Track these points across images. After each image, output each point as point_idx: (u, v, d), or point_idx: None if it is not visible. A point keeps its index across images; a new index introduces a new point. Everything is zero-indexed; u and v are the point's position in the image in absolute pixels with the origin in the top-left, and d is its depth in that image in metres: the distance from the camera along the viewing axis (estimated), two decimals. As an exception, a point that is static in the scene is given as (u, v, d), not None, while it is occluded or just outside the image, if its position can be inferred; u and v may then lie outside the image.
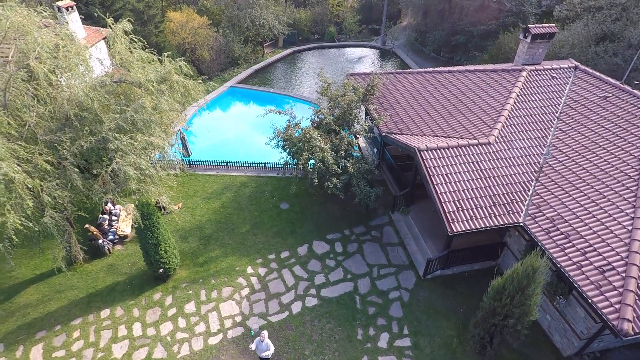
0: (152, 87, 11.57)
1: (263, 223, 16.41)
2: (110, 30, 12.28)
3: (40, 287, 13.43)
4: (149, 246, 12.58)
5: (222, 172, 19.58)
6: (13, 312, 12.61)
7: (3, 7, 10.49)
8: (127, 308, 12.85)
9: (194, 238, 15.64)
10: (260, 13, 33.06)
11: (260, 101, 27.91)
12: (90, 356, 11.44)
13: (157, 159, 12.76)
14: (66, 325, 12.25)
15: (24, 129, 10.80)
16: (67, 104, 10.89)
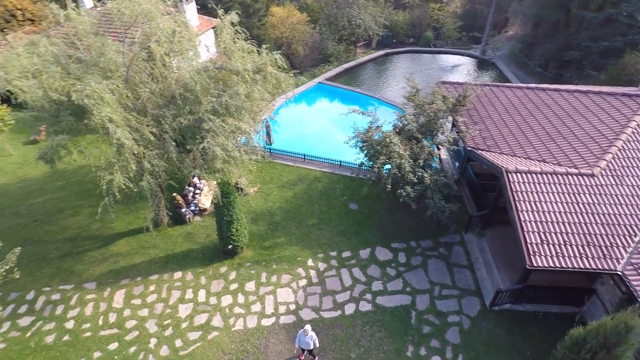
0: (248, 76, 12.34)
1: (330, 220, 16.60)
2: (220, 20, 13.36)
3: (130, 241, 15.25)
4: (223, 222, 13.53)
5: (299, 164, 20.21)
6: (106, 258, 14.53)
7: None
8: (196, 275, 14.00)
9: (264, 222, 16.42)
10: (358, 13, 33.26)
11: (345, 100, 28.17)
12: (160, 310, 12.71)
13: (242, 143, 13.61)
14: (145, 278, 13.77)
15: (138, 102, 12.30)
16: (174, 84, 12.14)
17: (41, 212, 16.45)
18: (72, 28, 13.02)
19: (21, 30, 36.51)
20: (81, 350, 11.43)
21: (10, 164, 19.14)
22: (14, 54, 10.79)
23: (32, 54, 11.13)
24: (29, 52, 11.05)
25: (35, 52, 11.09)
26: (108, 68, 12.06)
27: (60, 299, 12.93)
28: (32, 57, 10.92)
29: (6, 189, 17.50)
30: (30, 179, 18.27)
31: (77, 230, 15.63)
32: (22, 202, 16.85)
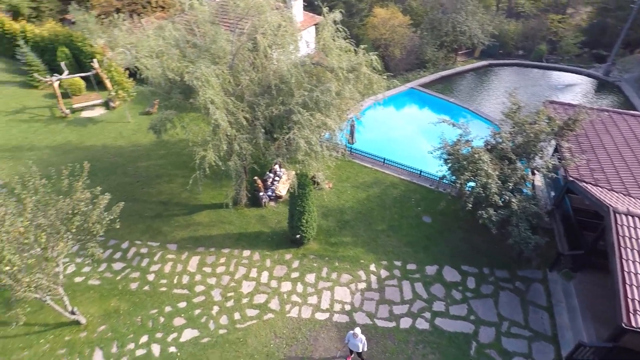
0: (342, 74, 12.52)
1: (400, 228, 16.18)
2: (323, 18, 13.74)
3: (211, 214, 16.60)
4: (295, 212, 14.00)
5: (377, 167, 19.99)
6: (189, 225, 16.01)
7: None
8: (263, 256, 14.73)
9: (333, 219, 16.61)
10: (465, 19, 31.58)
11: (436, 108, 27.07)
12: (226, 282, 13.65)
13: (325, 139, 13.89)
14: (218, 250, 14.89)
15: (237, 88, 13.26)
16: (272, 75, 12.83)
17: (144, 174, 18.71)
18: (194, 16, 14.50)
19: (153, 15, 41.74)
20: (156, 302, 12.81)
21: (127, 130, 22.09)
22: (145, 36, 12.40)
23: (158, 37, 12.66)
24: (156, 35, 12.59)
25: (161, 35, 12.61)
26: (217, 55, 13.19)
27: (147, 253, 14.62)
28: (159, 39, 12.42)
29: (121, 151, 20.25)
30: (140, 145, 20.89)
31: (169, 196, 17.48)
32: (131, 164, 19.34)
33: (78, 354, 11.18)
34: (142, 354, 11.33)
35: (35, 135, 20.86)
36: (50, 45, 26.23)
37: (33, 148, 19.83)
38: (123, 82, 21.30)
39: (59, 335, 11.57)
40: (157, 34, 12.83)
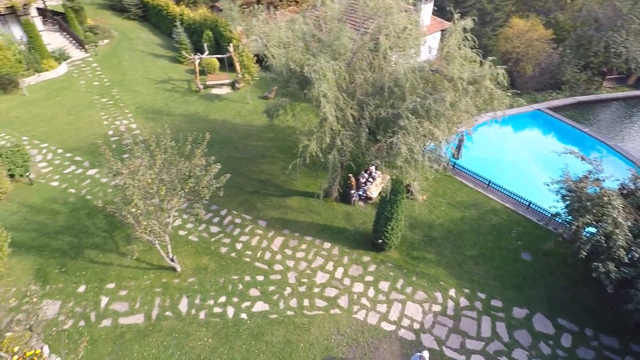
0: (461, 84, 11.83)
1: (492, 259, 14.81)
2: (452, 24, 13.10)
3: (301, 201, 17.34)
4: (383, 216, 13.81)
5: (480, 188, 18.53)
6: (280, 206, 16.99)
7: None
8: (342, 252, 14.90)
9: (420, 232, 15.96)
10: (624, 40, 27.01)
11: (563, 136, 23.90)
12: (303, 268, 14.18)
13: (429, 149, 13.35)
14: (302, 236, 15.51)
15: (351, 85, 13.50)
16: (387, 77, 12.73)
17: (251, 152, 20.38)
18: (323, 12, 15.14)
19: (287, 8, 44.79)
20: (239, 269, 13.95)
21: (245, 110, 24.26)
22: (277, 27, 13.40)
23: (289, 29, 13.54)
24: (287, 27, 13.50)
25: (291, 27, 13.47)
26: (338, 51, 13.59)
27: (240, 223, 15.96)
28: (288, 31, 13.30)
29: (237, 128, 22.36)
30: (253, 125, 22.77)
31: (268, 176, 18.76)
32: (242, 141, 21.22)
33: (169, 296, 12.83)
34: (218, 311, 12.50)
35: (173, 103, 24.25)
36: (199, 28, 30.06)
37: (170, 114, 23.09)
38: (250, 67, 23.42)
39: (158, 276, 13.42)
40: (288, 26, 13.74)
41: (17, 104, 22.67)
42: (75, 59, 27.99)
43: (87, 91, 24.64)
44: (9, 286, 12.83)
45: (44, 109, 22.49)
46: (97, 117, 22.19)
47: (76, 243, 14.46)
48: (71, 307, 12.30)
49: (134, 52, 30.30)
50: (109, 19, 34.65)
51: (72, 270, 13.48)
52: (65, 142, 19.84)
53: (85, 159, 18.85)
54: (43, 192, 16.78)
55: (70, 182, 17.39)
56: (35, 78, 24.77)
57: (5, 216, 15.32)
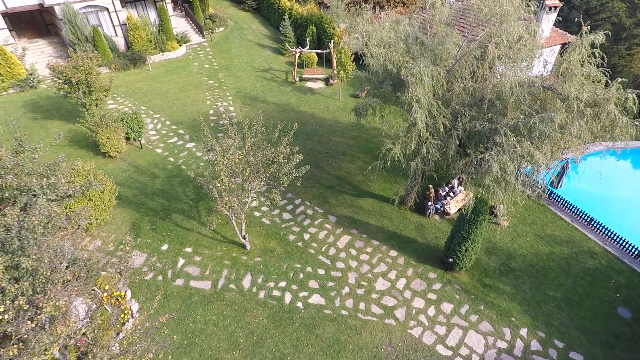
0: (577, 106, 10.48)
1: (579, 306, 13.00)
2: (577, 38, 11.63)
3: (374, 204, 17.06)
4: (458, 234, 12.95)
5: (577, 224, 16.35)
6: (352, 205, 16.92)
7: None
8: (407, 264, 14.35)
9: (497, 259, 14.65)
10: None
11: (700, 184, 19.86)
12: (365, 270, 13.97)
13: (525, 172, 12.13)
14: (369, 239, 15.30)
15: (447, 93, 12.83)
16: (489, 88, 11.82)
17: (333, 148, 20.63)
18: (431, 15, 14.58)
19: (393, 9, 44.21)
20: (302, 259, 14.26)
21: (334, 106, 24.62)
22: (381, 27, 13.27)
23: (392, 29, 13.32)
24: (391, 28, 13.29)
25: (395, 28, 13.23)
26: (440, 56, 12.97)
27: (311, 215, 16.30)
28: (391, 32, 13.08)
29: (323, 123, 22.81)
30: (339, 122, 23.01)
31: (345, 174, 18.81)
32: (326, 136, 21.59)
33: (236, 270, 13.65)
34: (276, 295, 12.94)
35: (269, 92, 25.62)
36: (304, 22, 31.24)
37: (264, 101, 24.45)
38: (347, 65, 23.67)
39: (229, 250, 14.35)
40: (391, 26, 13.52)
41: (142, 78, 25.99)
42: (194, 43, 31.12)
43: (198, 72, 27.25)
44: (110, 232, 14.84)
45: (161, 84, 25.45)
46: (203, 96, 24.42)
47: (167, 206, 16.14)
48: (154, 262, 13.79)
49: (243, 40, 32.67)
50: (226, 9, 37.84)
51: (160, 229, 15.07)
52: (173, 115, 22.22)
53: (186, 132, 20.90)
54: (149, 156, 19.03)
55: (171, 152, 19.44)
56: (159, 56, 28.14)
57: (117, 172, 17.72)
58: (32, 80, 23.39)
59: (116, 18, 27.01)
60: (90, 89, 18.37)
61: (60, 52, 26.64)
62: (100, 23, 26.81)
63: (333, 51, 26.24)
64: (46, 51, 26.64)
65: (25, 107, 21.86)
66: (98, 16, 26.62)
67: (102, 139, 17.57)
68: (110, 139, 17.75)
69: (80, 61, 17.66)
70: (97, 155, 18.52)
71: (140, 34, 25.64)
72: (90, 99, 18.66)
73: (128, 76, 26.00)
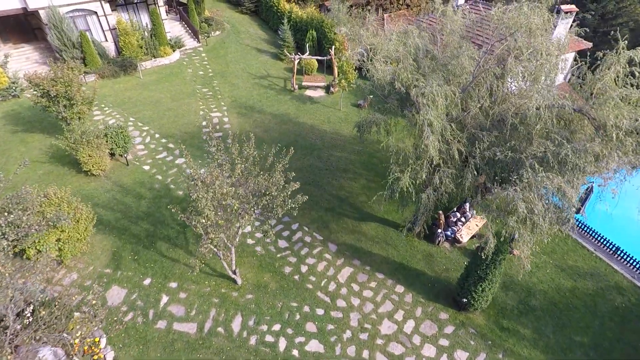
0: (615, 135, 9.02)
1: (609, 353, 11.57)
2: (612, 54, 10.15)
3: (379, 229, 15.62)
4: (474, 273, 11.52)
5: (601, 254, 14.91)
6: (354, 231, 15.49)
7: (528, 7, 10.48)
8: (415, 302, 12.92)
9: (515, 296, 13.21)
10: None
11: None
12: (368, 310, 12.55)
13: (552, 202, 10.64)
14: (372, 272, 13.86)
15: (463, 113, 11.38)
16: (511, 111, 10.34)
17: (334, 164, 19.18)
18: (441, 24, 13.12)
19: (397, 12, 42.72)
20: (299, 296, 12.83)
21: (335, 117, 23.17)
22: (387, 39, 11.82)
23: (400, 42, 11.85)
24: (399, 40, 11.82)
25: (403, 41, 11.76)
26: (453, 72, 11.54)
27: (309, 242, 14.86)
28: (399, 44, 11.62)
29: (323, 135, 21.38)
30: (340, 135, 21.56)
31: (347, 194, 17.37)
32: (327, 150, 20.15)
33: (225, 310, 12.22)
34: (269, 340, 11.52)
35: (266, 101, 24.18)
36: (304, 26, 29.79)
37: (261, 111, 23.00)
38: (348, 73, 22.22)
39: (218, 285, 12.93)
40: (400, 38, 12.06)
41: (132, 85, 24.57)
42: (188, 48, 29.69)
43: (191, 79, 25.83)
44: (88, 264, 13.44)
45: (152, 92, 24.04)
46: (196, 106, 23.00)
47: (152, 232, 14.73)
48: (134, 299, 12.39)
49: (240, 45, 31.23)
50: (223, 12, 36.42)
51: (143, 260, 13.66)
52: (163, 128, 20.80)
53: (177, 146, 19.48)
54: (135, 174, 17.62)
55: (159, 169, 18.03)
56: (151, 62, 26.72)
57: (99, 193, 16.31)
58: (14, 89, 22.01)
59: (106, 22, 25.60)
60: (71, 102, 16.97)
61: (46, 58, 25.22)
62: (89, 28, 25.41)
63: (334, 58, 24.80)
64: (32, 57, 25.27)
65: (5, 119, 20.48)
66: (86, 20, 25.22)
67: (84, 157, 16.16)
68: (93, 157, 16.35)
69: (59, 72, 16.26)
70: (79, 173, 17.11)
71: (130, 40, 24.21)
72: (71, 113, 17.26)
73: (118, 84, 24.58)
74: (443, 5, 13.04)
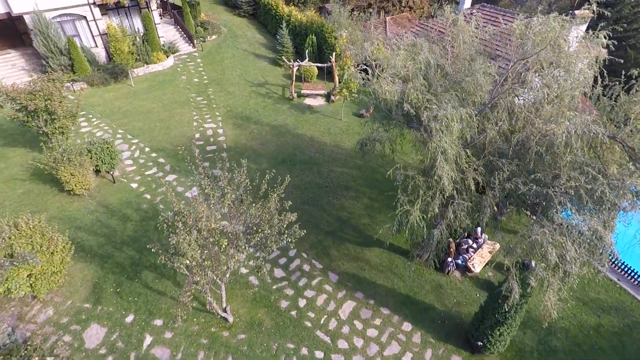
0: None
1: (644, 409, 10.36)
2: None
3: (383, 256, 14.41)
4: (491, 316, 10.32)
5: (626, 284, 13.70)
6: (357, 258, 14.29)
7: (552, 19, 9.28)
8: (424, 342, 11.74)
9: (534, 335, 12.01)
10: None
11: None
12: (373, 352, 11.36)
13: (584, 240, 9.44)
14: (377, 306, 12.67)
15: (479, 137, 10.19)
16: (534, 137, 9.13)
17: (334, 181, 17.98)
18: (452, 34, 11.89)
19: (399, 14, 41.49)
20: (296, 336, 11.64)
21: (336, 128, 21.98)
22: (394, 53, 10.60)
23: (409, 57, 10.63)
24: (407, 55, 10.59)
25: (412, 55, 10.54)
26: (468, 90, 10.33)
27: (308, 271, 13.67)
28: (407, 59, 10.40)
29: (323, 149, 20.18)
30: (341, 147, 20.37)
31: (349, 215, 16.17)
32: (327, 165, 18.96)
33: (214, 353, 11.04)
34: (264, 390, 10.37)
35: (263, 110, 22.98)
36: (304, 31, 28.60)
37: (258, 122, 21.82)
38: (350, 83, 21.00)
39: (208, 323, 11.74)
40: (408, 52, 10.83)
41: (123, 94, 23.39)
42: (183, 53, 28.51)
43: (185, 87, 24.64)
44: (66, 297, 12.27)
45: (144, 101, 22.85)
46: (189, 116, 21.82)
47: (137, 259, 13.55)
48: (114, 340, 11.20)
49: (237, 50, 30.05)
50: (220, 15, 35.24)
51: (126, 293, 12.48)
52: (154, 140, 19.62)
53: (167, 161, 18.31)
54: (122, 192, 16.44)
55: (148, 186, 16.84)
56: (143, 69, 25.53)
57: (82, 214, 15.13)
58: (-3, 99, 20.83)
59: (95, 27, 24.42)
60: (52, 117, 15.79)
61: (34, 65, 24.08)
62: (78, 33, 24.23)
63: (334, 65, 23.59)
64: (18, 64, 24.08)
65: (-14, 131, 19.34)
66: (75, 25, 24.03)
67: (65, 176, 14.99)
68: (75, 176, 15.17)
69: (39, 85, 15.07)
70: (62, 192, 15.93)
71: (120, 46, 22.98)
72: (52, 128, 16.08)
73: (107, 92, 23.41)
74: (454, 14, 11.85)
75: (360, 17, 34.70)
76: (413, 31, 28.32)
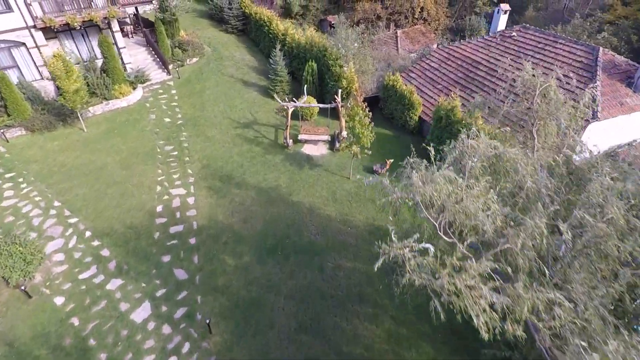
0: None
1: None
2: None
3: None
4: None
5: None
6: None
7: None
8: None
9: None
10: None
11: None
12: None
13: None
14: None
15: None
16: None
17: (343, 285, 13.00)
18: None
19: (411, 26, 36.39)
20: None
21: (343, 190, 16.95)
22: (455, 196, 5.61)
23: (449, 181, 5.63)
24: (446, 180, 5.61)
25: (475, 201, 5.54)
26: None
27: None
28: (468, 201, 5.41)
29: (327, 226, 15.11)
30: (351, 225, 15.38)
31: (364, 351, 11.19)
32: (333, 256, 13.95)
33: None
34: None
35: (249, 165, 17.95)
36: (302, 54, 23.56)
37: (240, 185, 16.78)
38: (362, 136, 15.88)
39: None
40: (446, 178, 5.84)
41: (70, 143, 18.36)
42: (155, 82, 23.41)
43: (153, 131, 19.61)
44: None
45: (96, 153, 17.83)
46: (152, 176, 16.81)
47: None
48: None
49: (221, 76, 24.95)
50: (205, 31, 30.14)
51: None
52: (100, 218, 14.61)
53: (113, 254, 13.33)
54: (38, 316, 11.46)
55: (78, 303, 11.87)
56: (101, 106, 20.48)
57: (-33, 366, 10.20)
58: None
59: (39, 56, 19.38)
60: None
61: (-40, 103, 19.02)
62: (16, 64, 19.21)
63: (340, 105, 18.53)
64: (-60, 103, 19.02)
65: None
66: (11, 54, 19.00)
67: (-58, 307, 10.04)
68: (-39, 302, 10.22)
69: None
70: (-51, 318, 10.99)
71: (62, 85, 17.60)
72: None
73: (51, 141, 18.38)
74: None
75: (367, 30, 29.67)
76: (435, 59, 23.27)
